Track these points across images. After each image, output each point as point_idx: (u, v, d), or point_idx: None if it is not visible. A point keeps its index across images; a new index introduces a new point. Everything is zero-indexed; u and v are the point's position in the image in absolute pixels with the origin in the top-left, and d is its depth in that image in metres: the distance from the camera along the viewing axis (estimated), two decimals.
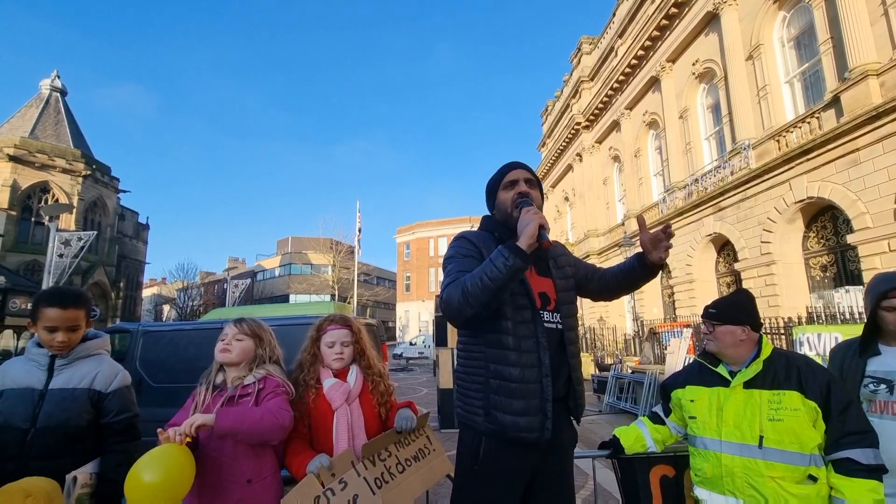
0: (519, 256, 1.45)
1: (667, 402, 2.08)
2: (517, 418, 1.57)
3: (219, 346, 1.86)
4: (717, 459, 1.76)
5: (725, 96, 14.06)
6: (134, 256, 40.26)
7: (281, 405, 1.74)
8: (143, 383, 5.36)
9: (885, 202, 9.08)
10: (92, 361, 1.84)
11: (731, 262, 14.23)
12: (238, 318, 1.95)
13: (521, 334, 1.63)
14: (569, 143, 26.98)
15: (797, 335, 7.54)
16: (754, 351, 1.82)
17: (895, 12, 9.06)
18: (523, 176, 1.76)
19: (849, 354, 1.94)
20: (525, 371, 1.59)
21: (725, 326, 1.83)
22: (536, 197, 1.75)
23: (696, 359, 2.02)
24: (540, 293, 1.71)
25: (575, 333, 1.76)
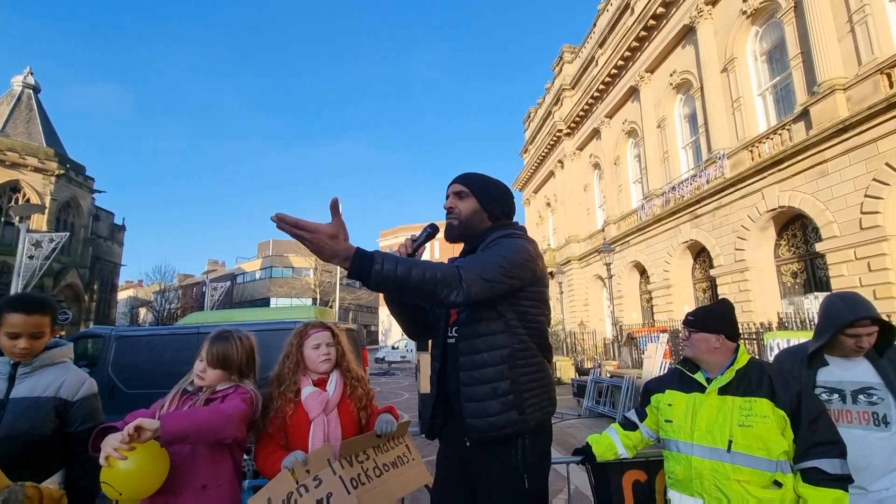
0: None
1: (645, 405, 2.12)
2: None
3: (196, 370, 1.85)
4: (688, 462, 1.83)
5: (701, 107, 14.46)
6: (109, 258, 39.17)
7: (235, 403, 1.72)
8: (116, 389, 5.23)
9: (851, 212, 9.45)
10: (57, 370, 1.81)
11: (706, 268, 14.59)
12: (213, 340, 1.86)
13: (435, 345, 1.81)
14: (551, 150, 27.34)
15: (768, 341, 7.78)
16: (731, 359, 1.88)
17: (861, 30, 9.47)
18: (452, 190, 1.80)
19: (796, 364, 2.00)
20: (433, 377, 1.77)
21: (701, 334, 1.90)
22: (463, 208, 1.75)
23: (676, 365, 2.08)
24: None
25: (468, 344, 1.62)
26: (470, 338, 1.61)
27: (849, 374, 1.84)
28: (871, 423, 1.75)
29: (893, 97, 8.39)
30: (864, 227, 9.13)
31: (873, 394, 1.75)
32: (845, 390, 1.83)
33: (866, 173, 9.13)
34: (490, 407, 1.54)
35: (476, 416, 1.55)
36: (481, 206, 1.75)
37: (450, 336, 1.73)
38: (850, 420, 1.80)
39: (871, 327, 1.83)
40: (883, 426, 1.73)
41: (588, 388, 10.98)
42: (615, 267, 18.40)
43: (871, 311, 1.85)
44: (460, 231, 1.76)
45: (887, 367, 1.73)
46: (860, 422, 1.78)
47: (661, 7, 15.74)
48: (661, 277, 16.26)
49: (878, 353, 1.82)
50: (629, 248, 18.48)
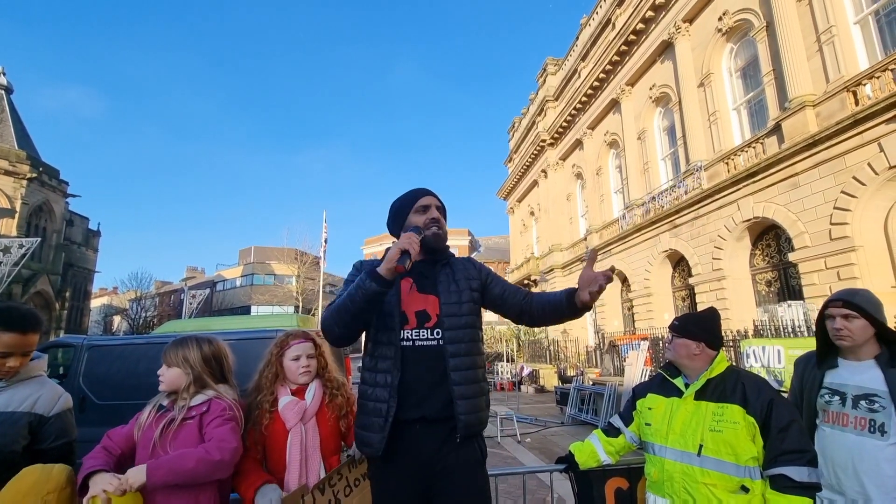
0: (375, 281, 1.53)
1: (632, 409, 2.16)
2: (360, 432, 1.70)
3: (159, 373, 1.81)
4: (661, 464, 1.89)
5: (680, 120, 14.86)
6: (82, 265, 38.03)
7: (222, 438, 1.65)
8: (87, 401, 5.07)
9: (821, 223, 9.79)
10: (33, 384, 1.75)
11: (685, 276, 14.89)
12: (168, 345, 1.84)
13: (379, 354, 1.71)
14: (534, 160, 27.69)
15: (744, 348, 7.98)
16: (710, 366, 1.93)
17: (828, 49, 9.89)
18: (435, 203, 1.85)
19: (809, 365, 2.04)
20: (375, 390, 1.68)
21: (682, 339, 1.97)
22: (443, 223, 1.86)
23: (659, 370, 2.15)
24: (417, 311, 1.74)
25: (464, 346, 1.72)
26: (463, 341, 1.72)
27: (855, 378, 1.83)
28: (866, 430, 1.75)
29: (859, 114, 8.76)
30: (834, 237, 9.46)
31: (875, 401, 1.74)
32: (847, 394, 1.83)
33: (835, 186, 9.49)
34: (478, 403, 1.71)
35: (469, 413, 1.66)
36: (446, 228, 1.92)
37: (424, 339, 1.71)
38: (846, 424, 1.81)
39: (841, 309, 1.85)
40: (879, 434, 1.72)
41: (571, 395, 11.05)
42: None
43: (859, 300, 1.86)
44: (443, 243, 1.85)
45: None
46: (856, 427, 1.78)
47: (641, 23, 16.18)
48: (642, 286, 16.53)
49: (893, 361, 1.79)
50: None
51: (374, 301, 1.58)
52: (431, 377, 1.67)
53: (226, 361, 1.89)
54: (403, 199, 1.87)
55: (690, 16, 14.16)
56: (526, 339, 24.64)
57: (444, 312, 1.73)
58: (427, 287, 1.78)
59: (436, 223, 1.80)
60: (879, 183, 8.80)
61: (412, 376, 1.67)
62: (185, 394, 1.76)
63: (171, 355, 1.79)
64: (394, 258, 1.51)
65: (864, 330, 1.83)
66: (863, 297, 1.88)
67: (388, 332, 1.71)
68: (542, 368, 20.01)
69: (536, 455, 7.86)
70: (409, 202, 1.85)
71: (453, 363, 1.68)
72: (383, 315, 1.72)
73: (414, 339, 1.70)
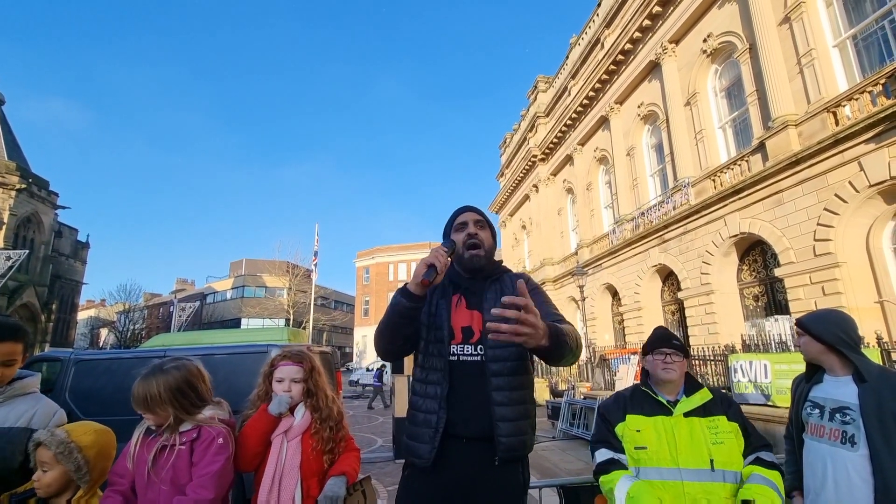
0: (405, 296, 1.58)
1: (610, 435, 2.02)
2: (410, 442, 1.71)
3: None
4: (681, 487, 1.80)
5: (667, 137, 15.17)
6: (70, 276, 37.53)
7: (213, 474, 1.65)
8: (73, 416, 5.00)
9: (806, 239, 9.99)
10: (28, 400, 1.77)
11: (674, 291, 15.04)
12: (134, 385, 1.74)
13: (430, 366, 1.74)
14: (526, 175, 27.99)
15: (732, 362, 8.07)
16: (683, 381, 2.00)
17: (809, 71, 10.22)
18: (472, 218, 1.86)
19: (801, 381, 2.14)
20: (426, 401, 1.71)
21: (685, 360, 2.03)
22: (485, 238, 1.85)
23: (641, 387, 2.09)
24: (463, 327, 1.75)
25: (509, 365, 1.71)
26: (507, 360, 1.69)
27: (835, 392, 1.91)
28: (838, 441, 1.83)
29: (839, 133, 9.03)
30: (818, 253, 9.65)
31: (847, 414, 1.83)
32: (826, 407, 1.91)
33: (818, 203, 9.72)
34: (522, 427, 1.68)
35: (511, 435, 1.63)
36: (493, 240, 1.89)
37: (467, 354, 1.72)
38: (823, 435, 1.90)
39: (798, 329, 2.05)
40: (850, 445, 1.80)
41: (562, 409, 11.04)
42: (588, 289, 18.77)
43: (804, 318, 2.05)
44: (486, 262, 1.83)
45: (866, 392, 1.81)
46: (831, 438, 1.87)
47: (629, 43, 16.60)
48: (632, 300, 16.66)
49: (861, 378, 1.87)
50: (601, 270, 18.91)
51: (406, 316, 1.60)
52: (475, 394, 1.67)
53: (198, 383, 1.83)
54: (448, 219, 1.91)
55: (676, 37, 14.57)
56: None
57: (488, 327, 1.73)
58: (473, 303, 1.80)
59: (473, 240, 1.80)
60: (860, 200, 9.04)
61: (459, 391, 1.68)
62: (172, 422, 1.74)
63: (140, 398, 1.71)
64: (420, 273, 1.54)
65: (808, 345, 1.98)
66: (810, 316, 2.04)
67: (437, 345, 1.74)
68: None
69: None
70: (451, 222, 1.89)
71: (496, 382, 1.66)
72: (434, 328, 1.75)
73: (459, 353, 1.72)
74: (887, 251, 9.14)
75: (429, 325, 1.76)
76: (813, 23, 10.22)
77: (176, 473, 1.64)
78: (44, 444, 1.59)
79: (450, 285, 1.84)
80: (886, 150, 8.41)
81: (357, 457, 1.99)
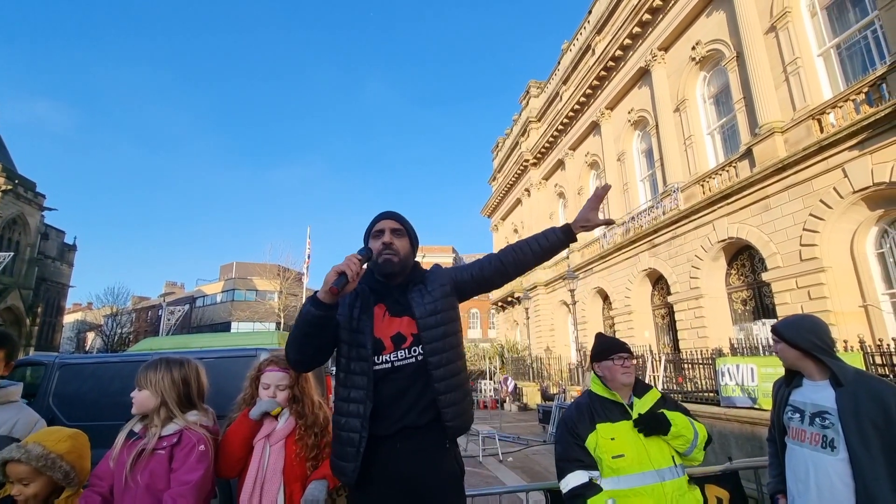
0: (314, 305, 1.59)
1: (584, 453, 1.95)
2: (336, 461, 1.72)
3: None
4: (661, 489, 1.83)
5: (657, 143, 15.34)
6: (56, 279, 36.96)
7: (193, 484, 1.64)
8: (56, 421, 4.92)
9: (792, 244, 10.15)
10: (11, 409, 1.76)
11: (664, 295, 15.17)
12: (142, 366, 1.82)
13: (351, 384, 1.73)
14: (518, 179, 28.14)
15: (720, 366, 8.14)
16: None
17: (794, 79, 10.41)
18: (389, 226, 1.84)
19: (782, 385, 2.16)
20: (349, 420, 1.70)
21: (634, 362, 2.09)
22: (401, 246, 1.83)
23: (598, 395, 2.08)
24: (392, 336, 1.76)
25: (446, 356, 1.76)
26: (444, 350, 1.77)
27: (814, 396, 1.93)
28: (818, 445, 1.85)
29: (824, 140, 9.19)
30: (804, 258, 9.80)
31: (827, 418, 1.85)
32: (806, 411, 1.94)
33: (804, 209, 9.88)
34: (465, 406, 1.80)
35: (456, 417, 1.74)
36: (412, 247, 1.90)
37: (401, 359, 1.74)
38: (804, 439, 1.92)
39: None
40: (830, 449, 1.82)
41: (553, 413, 11.08)
42: (579, 293, 18.86)
43: (778, 325, 2.09)
44: (399, 268, 1.83)
45: (843, 396, 1.83)
46: (811, 442, 1.89)
47: (620, 50, 16.79)
48: (623, 304, 16.78)
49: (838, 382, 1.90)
50: (592, 274, 19.04)
51: (315, 325, 1.60)
52: (412, 391, 1.70)
53: (196, 384, 1.85)
54: (368, 227, 1.90)
55: (665, 45, 14.77)
56: (509, 356, 24.64)
57: (422, 327, 1.75)
58: (399, 310, 1.81)
59: (387, 248, 1.79)
60: (845, 206, 9.20)
61: (390, 396, 1.69)
62: (155, 419, 1.74)
63: (142, 378, 1.78)
64: (329, 281, 1.54)
65: (785, 352, 2.02)
66: (784, 323, 2.07)
67: (360, 362, 1.72)
68: (525, 386, 20.00)
69: (518, 474, 7.83)
70: (369, 228, 1.87)
71: (437, 374, 1.71)
72: (356, 345, 1.74)
73: (392, 360, 1.72)
74: (871, 256, 9.30)
75: (350, 342, 1.74)
76: (798, 32, 10.43)
77: (153, 479, 1.62)
78: (16, 461, 1.57)
79: (371, 296, 1.82)
80: (869, 157, 8.58)
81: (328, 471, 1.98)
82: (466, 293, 1.93)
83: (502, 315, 32.34)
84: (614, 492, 1.85)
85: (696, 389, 9.46)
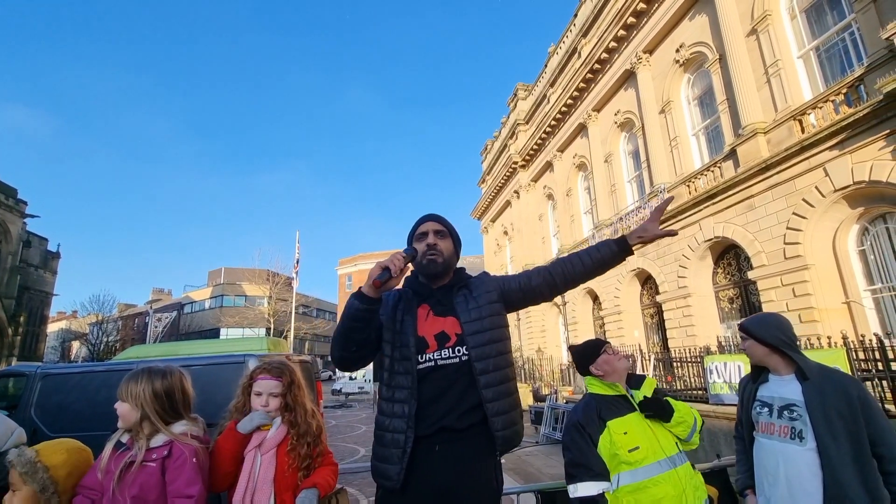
0: (358, 298, 1.60)
1: (595, 459, 1.92)
2: (378, 464, 1.69)
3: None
4: (676, 475, 1.88)
5: (643, 144, 15.52)
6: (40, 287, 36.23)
7: (194, 498, 1.61)
8: (39, 433, 4.82)
9: (776, 242, 10.32)
10: None
11: (653, 294, 15.33)
12: (126, 377, 1.76)
13: (396, 384, 1.72)
14: (507, 181, 28.25)
15: (708, 363, 8.25)
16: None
17: (776, 81, 10.61)
18: (433, 228, 1.88)
19: (749, 382, 2.22)
20: (393, 420, 1.68)
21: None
22: (444, 247, 1.86)
23: (598, 393, 2.10)
24: (436, 334, 1.75)
25: (493, 361, 1.73)
26: (491, 355, 1.73)
27: (780, 390, 1.99)
28: (788, 437, 1.92)
29: (805, 141, 9.38)
30: (788, 256, 9.98)
31: (795, 410, 1.91)
32: (774, 405, 2.00)
33: (787, 208, 10.06)
34: (515, 417, 1.73)
35: (507, 427, 1.68)
36: (455, 248, 1.92)
37: (445, 358, 1.72)
38: (773, 432, 1.98)
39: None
40: (798, 441, 1.88)
41: (545, 414, 11.11)
42: (570, 294, 18.96)
43: (746, 323, 2.15)
44: (443, 269, 1.84)
45: (810, 389, 1.90)
46: (780, 434, 1.95)
47: (605, 53, 16.98)
48: (613, 304, 16.91)
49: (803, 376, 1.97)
50: None
51: (359, 318, 1.61)
52: (453, 391, 1.67)
53: (181, 394, 1.80)
54: (412, 229, 1.93)
55: (650, 47, 14.97)
56: None
57: (467, 331, 1.73)
58: (444, 311, 1.81)
59: (431, 249, 1.82)
60: (826, 205, 9.39)
61: (431, 395, 1.67)
62: (141, 432, 1.69)
63: (123, 390, 1.72)
64: (374, 274, 1.57)
65: (753, 348, 2.08)
66: (750, 320, 2.14)
67: (404, 362, 1.71)
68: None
69: (511, 476, 7.83)
70: (413, 231, 1.91)
71: (484, 380, 1.67)
72: (399, 345, 1.74)
73: (436, 359, 1.71)
74: (852, 254, 9.50)
75: (394, 342, 1.75)
76: (778, 34, 10.64)
77: (142, 491, 1.58)
78: (12, 465, 1.57)
79: (415, 297, 1.84)
80: (849, 157, 8.77)
81: (334, 471, 1.95)
82: (514, 303, 1.91)
83: None
84: (634, 485, 1.84)
85: (686, 387, 9.56)
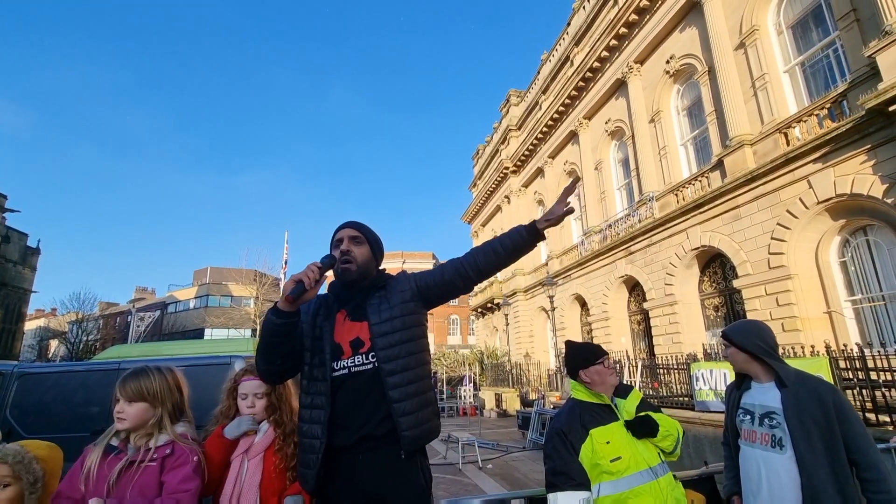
0: (273, 314, 1.60)
1: (577, 467, 1.88)
2: (300, 469, 1.71)
3: (115, 411, 1.70)
4: (657, 486, 1.85)
5: (633, 153, 15.71)
6: (18, 284, 35.33)
7: (191, 493, 1.61)
8: (14, 434, 4.67)
9: (761, 252, 10.49)
10: None
11: (640, 301, 15.47)
12: (124, 377, 1.72)
13: (313, 390, 1.72)
14: (498, 186, 28.37)
15: (694, 371, 8.33)
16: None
17: (762, 94, 10.83)
18: (348, 234, 1.86)
19: (734, 389, 2.22)
20: (312, 426, 1.68)
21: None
22: (358, 253, 1.83)
23: (584, 401, 2.07)
24: (351, 341, 1.75)
25: (401, 362, 1.72)
26: (399, 357, 1.72)
27: (762, 397, 2.00)
28: (769, 445, 1.92)
29: (790, 153, 9.57)
30: (772, 266, 10.15)
31: (774, 418, 1.92)
32: (755, 413, 2.00)
33: (772, 218, 10.24)
34: (423, 416, 1.71)
35: (413, 427, 1.66)
36: (373, 253, 1.90)
37: (358, 364, 1.72)
38: (755, 440, 1.98)
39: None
40: (778, 448, 1.88)
41: (532, 419, 11.11)
42: (558, 299, 19.06)
43: (727, 330, 2.16)
44: (357, 276, 1.83)
45: (788, 396, 1.91)
46: (761, 442, 1.95)
47: (597, 62, 17.18)
48: (600, 310, 17.03)
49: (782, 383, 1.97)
50: (571, 281, 19.29)
51: (277, 333, 1.60)
52: (370, 399, 1.67)
53: (180, 394, 1.80)
54: (332, 236, 1.90)
55: (641, 57, 15.18)
56: (489, 362, 24.68)
57: (375, 333, 1.73)
58: (359, 315, 1.80)
59: (345, 256, 1.80)
60: (810, 216, 9.58)
61: (349, 403, 1.67)
62: (150, 431, 1.65)
63: (132, 388, 1.67)
64: (287, 289, 1.55)
65: (735, 355, 2.10)
66: (732, 328, 2.15)
67: (320, 368, 1.72)
68: (504, 392, 20.03)
69: (498, 482, 7.81)
70: (332, 238, 1.89)
71: (391, 381, 1.67)
72: (317, 351, 1.74)
73: (350, 366, 1.71)
74: (834, 264, 9.70)
75: (312, 349, 1.75)
76: (766, 49, 10.87)
77: (143, 492, 1.55)
78: (4, 459, 1.53)
79: (336, 303, 1.84)
80: (832, 170, 8.97)
81: None
82: (432, 299, 1.88)
83: (482, 321, 32.41)
84: (615, 496, 1.82)
85: (672, 394, 9.64)
